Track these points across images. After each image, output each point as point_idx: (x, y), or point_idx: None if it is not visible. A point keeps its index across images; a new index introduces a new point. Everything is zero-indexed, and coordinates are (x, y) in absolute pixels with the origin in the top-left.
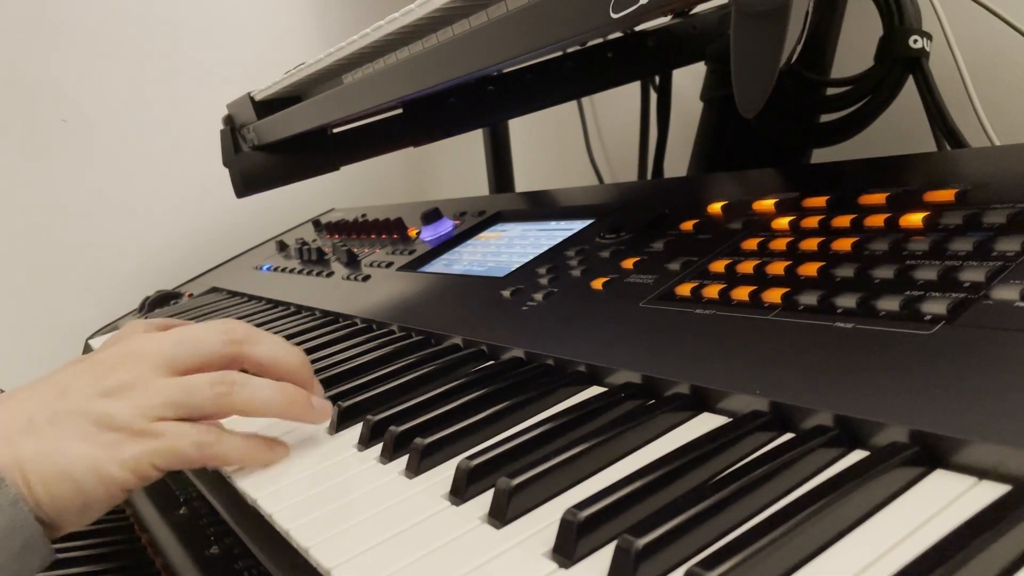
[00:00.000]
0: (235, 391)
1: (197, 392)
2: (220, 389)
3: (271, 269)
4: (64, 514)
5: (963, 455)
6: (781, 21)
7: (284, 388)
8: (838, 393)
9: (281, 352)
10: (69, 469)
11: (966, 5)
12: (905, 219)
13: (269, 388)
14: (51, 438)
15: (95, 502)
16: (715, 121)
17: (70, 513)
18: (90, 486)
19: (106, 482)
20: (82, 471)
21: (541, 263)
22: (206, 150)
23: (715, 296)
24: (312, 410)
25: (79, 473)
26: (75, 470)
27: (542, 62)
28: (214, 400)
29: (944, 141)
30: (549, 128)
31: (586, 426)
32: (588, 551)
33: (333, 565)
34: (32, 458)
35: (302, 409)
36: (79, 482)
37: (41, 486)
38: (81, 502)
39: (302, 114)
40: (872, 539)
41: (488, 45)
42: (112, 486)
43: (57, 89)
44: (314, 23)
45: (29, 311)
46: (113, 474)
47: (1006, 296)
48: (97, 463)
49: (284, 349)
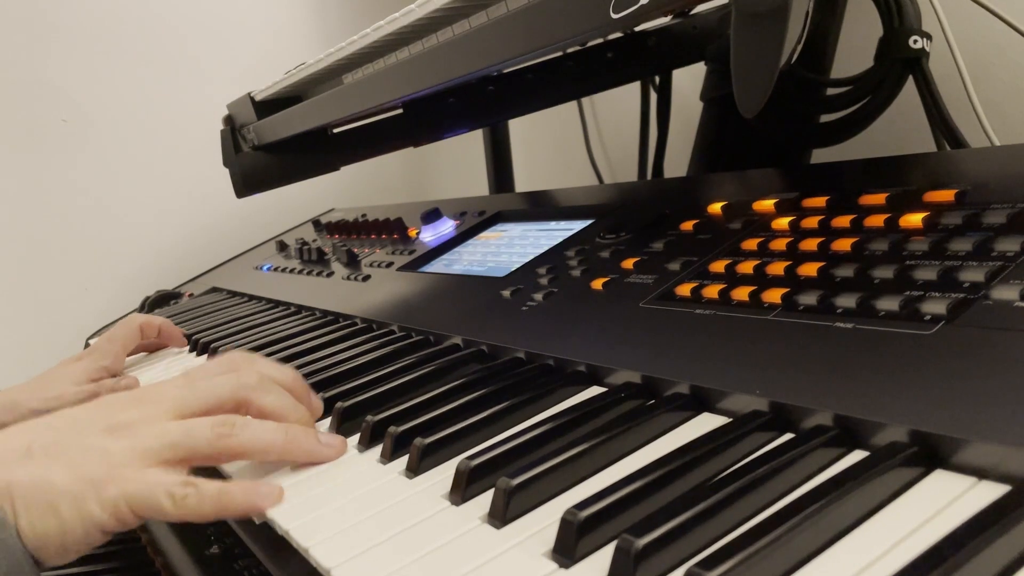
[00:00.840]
0: (236, 432)
1: (198, 434)
2: (221, 431)
3: (271, 269)
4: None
5: (963, 455)
6: (781, 21)
7: (288, 429)
8: (838, 393)
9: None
10: (53, 502)
11: (966, 5)
12: (905, 219)
13: (272, 430)
14: (43, 468)
15: (73, 542)
16: (715, 121)
17: (51, 547)
18: (71, 523)
19: (85, 520)
20: (65, 505)
21: (541, 263)
22: (206, 150)
23: (715, 296)
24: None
25: (62, 507)
26: (59, 503)
27: (542, 62)
28: (213, 442)
29: (944, 141)
30: (549, 128)
31: (586, 426)
32: (588, 551)
33: (333, 565)
34: (21, 485)
35: (307, 449)
36: (61, 516)
37: (25, 516)
38: (60, 538)
39: (302, 114)
40: (872, 539)
41: (488, 45)
42: (90, 525)
43: (57, 89)
44: (314, 23)
45: (29, 311)
46: (93, 513)
47: (1006, 296)
48: (80, 499)
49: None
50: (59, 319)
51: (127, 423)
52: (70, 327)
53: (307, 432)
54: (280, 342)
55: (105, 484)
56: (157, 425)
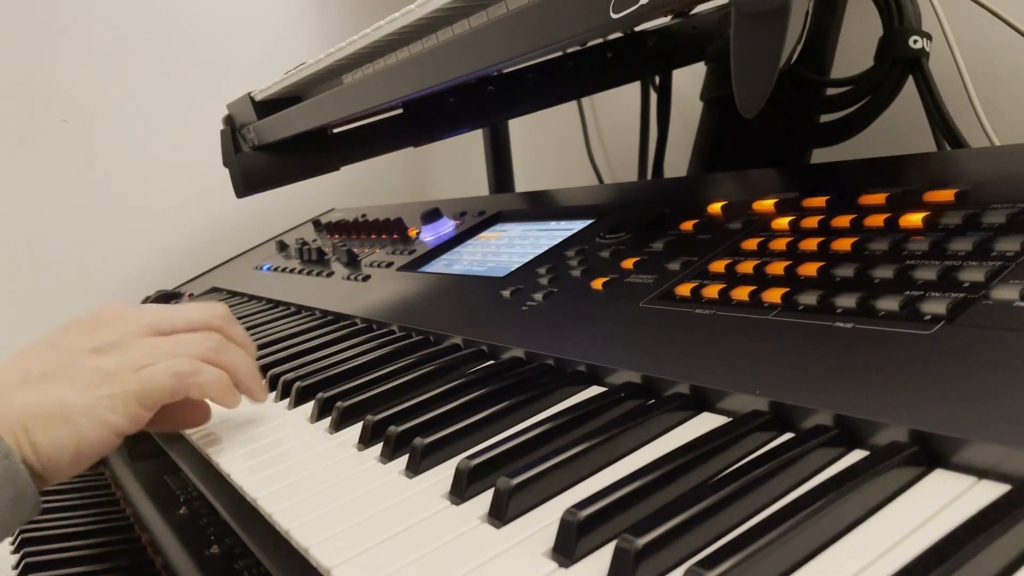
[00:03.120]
0: (221, 347)
1: (188, 346)
2: (210, 344)
3: (271, 269)
4: (59, 459)
5: (963, 455)
6: (781, 21)
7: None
8: (838, 393)
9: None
10: (68, 415)
11: (966, 5)
12: (905, 219)
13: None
14: (48, 390)
15: (88, 447)
16: (715, 121)
17: (65, 458)
18: (86, 429)
19: (102, 427)
20: (79, 416)
21: (541, 263)
22: (206, 150)
23: (715, 296)
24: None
25: (77, 417)
26: (73, 415)
27: (542, 62)
28: (205, 353)
29: (944, 141)
30: (549, 128)
31: (586, 426)
32: (588, 550)
33: (333, 565)
34: (32, 407)
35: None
36: (77, 425)
37: (41, 432)
38: (76, 446)
39: (302, 114)
40: (872, 539)
41: (488, 45)
42: (106, 429)
43: (57, 89)
44: (314, 23)
45: (29, 311)
46: (107, 418)
47: (1006, 296)
48: (92, 408)
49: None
50: (59, 319)
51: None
52: None
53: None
54: (280, 342)
55: (112, 391)
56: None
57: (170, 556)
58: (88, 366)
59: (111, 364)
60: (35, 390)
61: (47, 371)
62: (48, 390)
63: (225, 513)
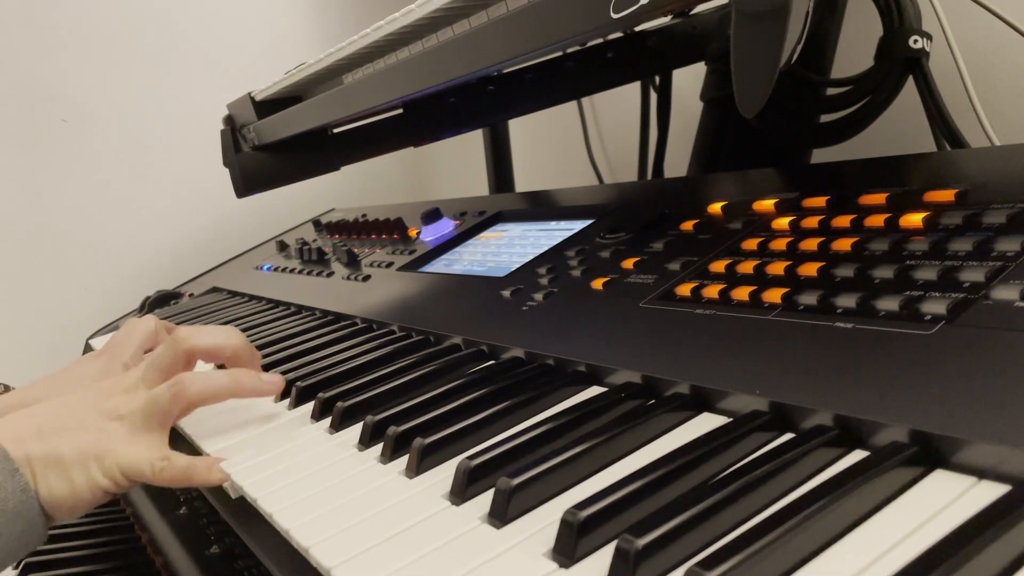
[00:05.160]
0: (187, 386)
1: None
2: (175, 389)
3: (271, 269)
4: (59, 506)
5: (963, 455)
6: (781, 21)
7: (230, 372)
8: (838, 393)
9: (221, 337)
10: (66, 470)
11: (966, 5)
12: (905, 219)
13: (216, 376)
14: (54, 444)
15: (82, 501)
16: (715, 121)
17: (63, 506)
18: (80, 486)
19: (92, 484)
20: (76, 473)
21: (541, 263)
22: (206, 150)
23: (715, 296)
24: (262, 383)
25: (73, 474)
26: (71, 471)
27: (542, 62)
28: (174, 400)
29: (944, 141)
30: (549, 128)
31: (586, 426)
32: (588, 551)
33: (333, 565)
34: (39, 458)
35: (252, 385)
36: (73, 481)
37: (43, 482)
38: (72, 499)
39: (302, 114)
40: (872, 539)
41: (488, 45)
42: (96, 488)
43: (57, 89)
44: (314, 23)
45: (29, 311)
46: (97, 479)
47: (1006, 296)
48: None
49: (224, 333)
50: (59, 319)
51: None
52: (70, 327)
53: (249, 373)
54: (280, 342)
55: (104, 456)
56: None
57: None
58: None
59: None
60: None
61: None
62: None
63: (225, 513)
